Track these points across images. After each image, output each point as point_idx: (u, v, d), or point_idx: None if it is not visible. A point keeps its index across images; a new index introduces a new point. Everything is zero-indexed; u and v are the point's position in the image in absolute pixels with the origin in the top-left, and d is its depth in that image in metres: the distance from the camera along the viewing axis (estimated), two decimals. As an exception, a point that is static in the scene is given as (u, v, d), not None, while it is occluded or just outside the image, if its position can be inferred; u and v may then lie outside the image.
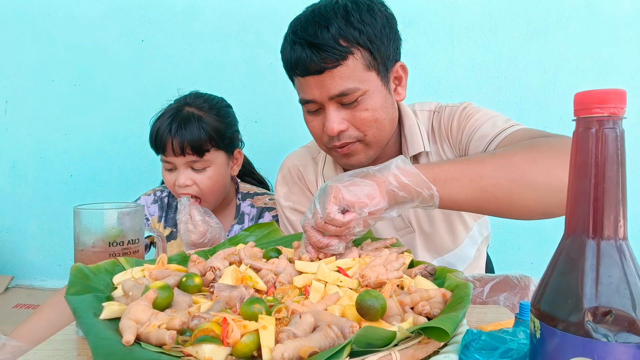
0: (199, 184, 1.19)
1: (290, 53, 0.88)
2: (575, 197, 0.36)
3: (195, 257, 0.68)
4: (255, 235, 0.88)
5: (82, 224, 0.68)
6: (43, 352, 0.56)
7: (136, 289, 0.55)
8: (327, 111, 0.89)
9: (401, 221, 1.03)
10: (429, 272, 0.64)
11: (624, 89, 0.35)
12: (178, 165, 1.19)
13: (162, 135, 1.16)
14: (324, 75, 0.85)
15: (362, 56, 0.86)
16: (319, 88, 0.87)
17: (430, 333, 0.45)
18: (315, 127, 0.94)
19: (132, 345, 0.44)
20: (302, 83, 0.89)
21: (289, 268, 0.65)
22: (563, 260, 0.36)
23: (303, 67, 0.86)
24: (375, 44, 0.87)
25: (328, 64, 0.84)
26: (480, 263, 1.12)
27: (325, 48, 0.83)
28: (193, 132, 1.16)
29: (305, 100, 0.91)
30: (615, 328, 0.32)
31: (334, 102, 0.88)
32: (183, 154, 1.16)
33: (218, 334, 0.43)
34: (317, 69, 0.85)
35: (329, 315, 0.48)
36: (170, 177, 1.21)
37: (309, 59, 0.84)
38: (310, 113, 0.93)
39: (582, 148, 0.36)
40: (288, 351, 0.40)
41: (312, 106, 0.91)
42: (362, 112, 0.89)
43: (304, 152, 1.16)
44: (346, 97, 0.87)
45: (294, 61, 0.87)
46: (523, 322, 0.54)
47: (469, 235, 1.06)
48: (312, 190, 1.10)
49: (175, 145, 1.15)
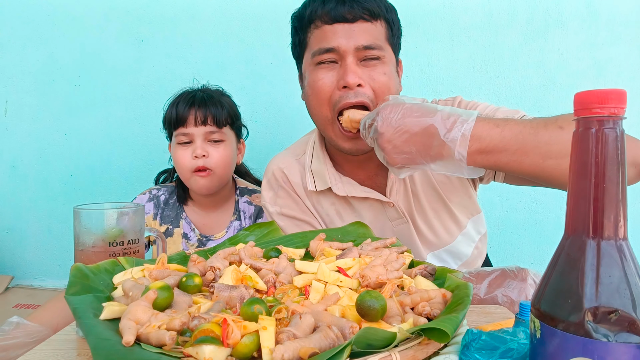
0: (214, 156, 1.26)
1: (323, 3, 0.89)
2: (575, 197, 0.36)
3: (195, 257, 0.68)
4: (255, 235, 0.88)
5: (82, 224, 0.68)
6: (43, 352, 0.56)
7: (136, 289, 0.55)
8: (346, 63, 0.88)
9: (395, 212, 1.02)
10: (429, 272, 0.64)
11: (624, 89, 0.35)
12: (196, 136, 1.25)
13: (183, 109, 1.24)
14: (356, 24, 0.88)
15: (386, 27, 0.92)
16: (346, 37, 0.88)
17: (431, 334, 0.45)
18: (326, 84, 0.91)
19: (132, 346, 0.44)
20: (326, 31, 0.89)
21: (289, 268, 0.65)
22: (563, 260, 0.36)
23: (337, 13, 0.87)
24: (394, 27, 0.94)
25: (365, 14, 0.87)
26: (478, 262, 1.12)
27: (364, 1, 0.88)
28: (215, 104, 1.26)
29: (324, 48, 0.89)
30: (616, 328, 0.32)
31: (355, 56, 0.88)
32: (204, 124, 1.24)
33: (218, 335, 0.43)
34: (352, 16, 0.87)
35: (329, 316, 0.48)
36: (185, 152, 1.26)
37: (348, 6, 0.87)
38: (323, 65, 0.91)
39: (582, 148, 0.36)
40: (288, 352, 0.40)
41: (329, 56, 0.90)
42: (380, 74, 0.90)
43: (287, 154, 1.13)
44: (371, 51, 0.88)
45: (326, 9, 0.88)
46: (523, 322, 0.54)
47: (463, 232, 1.05)
48: (299, 192, 1.08)
49: (198, 114, 1.24)
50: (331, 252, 0.72)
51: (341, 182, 1.03)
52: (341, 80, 0.89)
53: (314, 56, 0.92)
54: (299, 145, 1.14)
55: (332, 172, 1.04)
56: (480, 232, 1.09)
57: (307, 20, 0.92)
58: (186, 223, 1.35)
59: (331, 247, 0.75)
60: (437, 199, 1.02)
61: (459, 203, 1.03)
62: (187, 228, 1.35)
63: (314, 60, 0.92)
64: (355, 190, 1.02)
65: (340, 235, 0.85)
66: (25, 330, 0.66)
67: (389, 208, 1.02)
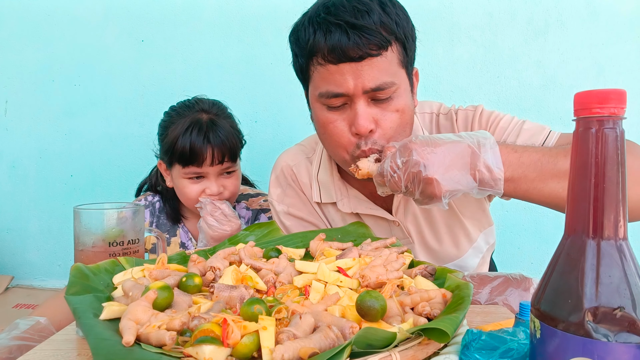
0: (229, 188, 1.21)
1: (325, 36, 0.78)
2: (575, 197, 0.36)
3: (195, 257, 0.68)
4: (255, 235, 0.87)
5: (82, 224, 0.68)
6: (43, 352, 0.56)
7: (136, 289, 0.55)
8: (356, 106, 0.80)
9: (400, 232, 0.99)
10: (429, 272, 0.64)
11: (624, 89, 0.35)
12: (210, 174, 1.18)
13: (199, 147, 1.14)
14: (364, 63, 0.78)
15: (398, 50, 0.82)
16: (354, 78, 0.78)
17: (431, 334, 0.45)
18: (339, 128, 0.84)
19: (132, 346, 0.44)
20: (332, 72, 0.80)
21: (289, 268, 0.65)
22: (563, 260, 0.36)
23: (341, 51, 0.77)
24: (408, 42, 0.83)
25: (372, 50, 0.77)
26: (483, 269, 1.10)
27: (370, 32, 0.76)
28: (229, 138, 1.17)
29: (332, 93, 0.81)
30: (616, 328, 0.32)
31: (365, 97, 0.80)
32: (222, 162, 1.17)
33: (218, 335, 0.43)
34: (358, 55, 0.77)
35: (329, 316, 0.48)
36: (197, 187, 1.18)
37: (353, 42, 0.76)
38: (332, 110, 0.84)
39: (582, 148, 0.36)
40: (288, 352, 0.40)
41: (337, 101, 0.82)
42: (392, 112, 0.83)
43: (297, 150, 1.08)
44: (382, 91, 0.80)
45: (330, 45, 0.77)
46: (523, 322, 0.54)
47: (473, 246, 1.03)
48: (306, 193, 1.04)
49: (216, 154, 1.15)
50: (331, 252, 0.72)
51: (347, 196, 0.99)
52: (353, 127, 0.82)
53: (321, 97, 0.84)
54: (309, 143, 1.09)
55: (339, 186, 1.00)
56: (488, 243, 1.06)
57: (308, 51, 0.82)
58: (183, 232, 1.33)
59: (331, 247, 0.75)
60: (452, 215, 0.99)
61: (472, 217, 1.00)
62: (184, 237, 1.32)
63: (322, 102, 0.84)
64: (360, 206, 0.98)
65: (340, 235, 0.85)
66: (39, 328, 0.65)
67: (394, 227, 0.99)
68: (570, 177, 0.37)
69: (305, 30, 0.82)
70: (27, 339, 0.61)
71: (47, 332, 0.64)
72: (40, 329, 0.64)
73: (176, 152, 1.16)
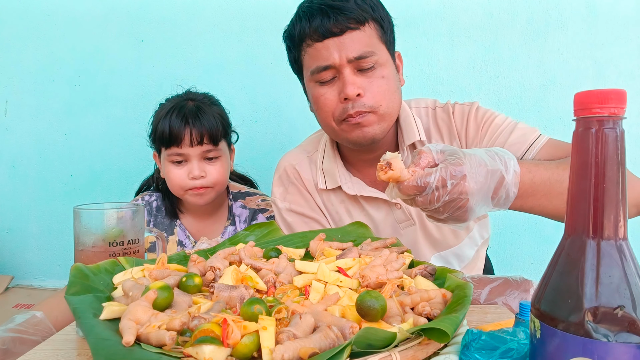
0: (212, 174, 1.22)
1: (310, 21, 0.90)
2: (575, 197, 0.36)
3: (195, 257, 0.68)
4: (255, 235, 0.88)
5: (82, 224, 0.68)
6: (43, 352, 0.56)
7: (136, 289, 0.55)
8: (343, 76, 0.90)
9: (402, 213, 1.03)
10: (429, 272, 0.64)
11: (624, 89, 0.35)
12: (191, 156, 1.20)
13: (177, 127, 1.17)
14: (345, 36, 0.89)
15: (375, 27, 0.92)
16: (338, 50, 0.89)
17: (431, 334, 0.45)
18: (328, 99, 0.93)
19: (132, 346, 0.44)
20: (319, 49, 0.91)
21: (289, 268, 0.65)
22: (563, 260, 0.36)
23: (324, 29, 0.88)
24: (385, 24, 0.94)
25: (351, 23, 0.88)
26: (478, 264, 1.12)
27: (348, 10, 0.88)
28: (210, 120, 1.19)
29: (321, 67, 0.91)
30: (616, 328, 0.32)
31: (351, 67, 0.90)
32: (200, 143, 1.19)
33: (218, 335, 0.43)
34: (339, 29, 0.88)
35: (329, 316, 0.48)
36: (180, 172, 1.21)
37: (333, 20, 0.88)
38: (323, 84, 0.93)
39: (582, 148, 0.36)
40: (288, 352, 0.40)
41: (327, 74, 0.92)
42: (378, 79, 0.91)
43: (299, 151, 1.14)
44: (364, 60, 0.89)
45: (314, 26, 0.89)
46: (523, 322, 0.54)
47: (469, 235, 1.06)
48: (309, 189, 1.09)
49: (194, 134, 1.17)
50: (331, 252, 0.72)
51: (351, 181, 1.05)
52: (342, 94, 0.90)
53: (312, 74, 0.94)
54: (310, 143, 1.15)
55: (343, 172, 1.06)
56: (483, 237, 1.09)
57: (298, 39, 0.94)
58: (181, 230, 1.33)
59: (331, 247, 0.75)
60: None
61: None
62: (182, 235, 1.32)
63: (314, 79, 0.94)
64: (363, 190, 1.03)
65: (340, 235, 0.85)
66: (40, 327, 0.65)
67: (396, 210, 1.03)
68: (570, 177, 0.37)
69: (294, 24, 0.95)
70: (22, 332, 0.61)
71: (43, 326, 0.64)
72: (36, 322, 0.64)
73: (158, 134, 1.21)
